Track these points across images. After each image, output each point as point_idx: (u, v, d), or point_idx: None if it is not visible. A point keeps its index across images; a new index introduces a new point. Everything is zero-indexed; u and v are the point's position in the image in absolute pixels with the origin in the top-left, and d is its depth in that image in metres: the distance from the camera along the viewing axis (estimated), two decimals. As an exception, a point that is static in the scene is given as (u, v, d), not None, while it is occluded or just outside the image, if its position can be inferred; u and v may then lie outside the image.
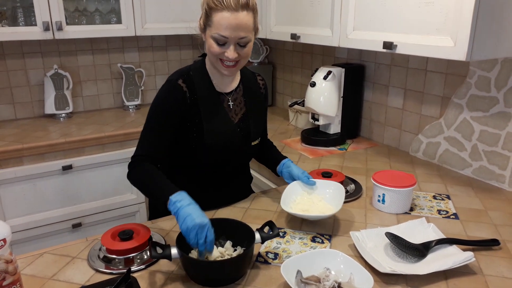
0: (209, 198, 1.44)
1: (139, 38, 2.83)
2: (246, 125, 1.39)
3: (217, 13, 1.17)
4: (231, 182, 1.46)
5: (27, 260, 1.15)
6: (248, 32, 1.20)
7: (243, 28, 1.18)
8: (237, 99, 1.39)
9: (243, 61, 1.26)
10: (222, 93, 1.36)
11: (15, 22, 2.35)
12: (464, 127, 1.70)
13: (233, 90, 1.38)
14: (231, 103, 1.37)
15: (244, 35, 1.19)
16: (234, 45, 1.20)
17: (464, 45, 1.28)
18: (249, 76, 1.45)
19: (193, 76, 1.32)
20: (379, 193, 1.40)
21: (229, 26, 1.16)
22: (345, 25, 1.72)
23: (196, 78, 1.32)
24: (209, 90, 1.33)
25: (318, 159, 1.92)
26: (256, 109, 1.43)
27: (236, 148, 1.37)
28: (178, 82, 1.28)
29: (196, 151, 1.33)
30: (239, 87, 1.40)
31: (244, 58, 1.25)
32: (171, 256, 1.03)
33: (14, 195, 2.12)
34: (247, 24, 1.19)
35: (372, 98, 2.14)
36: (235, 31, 1.17)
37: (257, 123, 1.43)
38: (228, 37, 1.18)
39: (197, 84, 1.31)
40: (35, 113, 2.63)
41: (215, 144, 1.32)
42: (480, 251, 1.16)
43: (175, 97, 1.28)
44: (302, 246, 1.20)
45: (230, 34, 1.17)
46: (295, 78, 2.72)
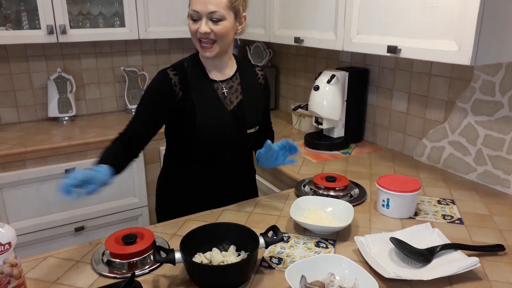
0: (213, 192, 1.46)
1: (142, 42, 2.84)
2: (241, 112, 1.40)
3: None
4: (233, 175, 1.47)
5: (31, 264, 1.15)
6: (219, 8, 1.24)
7: (213, 3, 1.24)
8: (232, 87, 1.41)
9: (219, 43, 1.29)
10: (217, 81, 1.38)
11: (19, 25, 2.36)
12: (468, 132, 1.69)
13: (229, 78, 1.40)
14: (226, 90, 1.39)
15: (214, 9, 1.24)
16: (206, 19, 1.25)
17: (469, 49, 1.27)
18: (247, 66, 1.48)
19: (187, 66, 1.37)
20: (383, 198, 1.39)
21: (199, 1, 1.24)
22: (349, 28, 1.72)
23: (190, 67, 1.37)
24: (203, 78, 1.37)
25: (322, 163, 1.91)
26: (253, 98, 1.44)
27: (230, 135, 1.39)
28: (167, 71, 1.34)
29: (191, 140, 1.37)
30: (236, 75, 1.42)
31: (219, 38, 1.28)
32: (175, 260, 1.02)
33: (17, 199, 2.12)
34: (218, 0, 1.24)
35: (376, 102, 2.14)
36: (205, 5, 1.24)
37: (254, 111, 1.44)
38: (199, 11, 1.24)
39: (190, 73, 1.36)
40: (38, 116, 2.64)
41: (208, 131, 1.35)
42: (485, 257, 1.15)
43: (161, 86, 1.33)
44: (306, 251, 1.20)
45: (200, 8, 1.24)
46: (299, 82, 2.71)
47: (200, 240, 1.13)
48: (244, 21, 1.35)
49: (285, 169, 1.83)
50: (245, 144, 1.47)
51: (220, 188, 1.47)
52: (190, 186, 1.46)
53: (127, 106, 2.81)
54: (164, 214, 1.50)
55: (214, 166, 1.43)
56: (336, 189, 1.52)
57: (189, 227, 1.27)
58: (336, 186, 1.52)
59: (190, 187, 1.46)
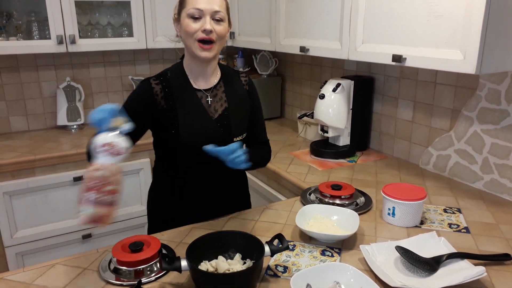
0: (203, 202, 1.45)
1: (150, 51, 2.88)
2: (227, 120, 1.39)
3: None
4: (222, 184, 1.45)
5: (39, 271, 1.17)
6: (221, 8, 1.28)
7: (217, 3, 1.27)
8: (217, 95, 1.40)
9: (217, 43, 1.30)
10: (201, 90, 1.38)
11: (30, 35, 2.40)
12: (474, 140, 1.69)
13: (213, 87, 1.40)
14: (210, 99, 1.39)
15: (219, 9, 1.27)
16: (210, 19, 1.26)
17: (474, 58, 1.28)
18: (231, 73, 1.47)
19: (170, 75, 1.37)
20: (389, 206, 1.39)
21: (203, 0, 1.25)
22: (354, 38, 1.73)
23: (173, 77, 1.37)
24: (186, 87, 1.37)
25: (328, 171, 1.92)
26: (239, 105, 1.43)
27: (216, 144, 1.31)
28: (150, 81, 1.35)
29: (177, 150, 1.36)
30: (220, 83, 1.41)
31: (219, 39, 1.29)
32: (181, 268, 1.03)
33: (25, 206, 2.14)
34: (220, 2, 1.28)
35: (381, 110, 2.14)
36: (209, 3, 1.25)
37: (240, 118, 1.42)
38: (203, 9, 1.25)
39: (173, 82, 1.35)
40: (47, 125, 2.68)
41: (192, 140, 1.33)
42: (492, 266, 1.14)
43: (143, 95, 1.34)
44: (312, 259, 1.20)
45: (205, 6, 1.25)
46: (304, 90, 2.73)
47: (206, 248, 1.14)
48: (230, 27, 1.36)
49: (290, 177, 1.84)
50: None
51: (210, 198, 1.45)
52: (179, 197, 1.45)
53: (134, 115, 2.84)
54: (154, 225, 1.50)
55: (202, 176, 1.41)
56: (342, 197, 1.52)
57: (195, 235, 1.28)
58: (342, 194, 1.52)
59: (179, 197, 1.44)
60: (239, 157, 1.22)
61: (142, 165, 2.40)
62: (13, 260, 2.15)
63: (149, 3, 2.49)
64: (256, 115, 1.50)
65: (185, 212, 1.45)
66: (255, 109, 1.49)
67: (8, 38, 2.32)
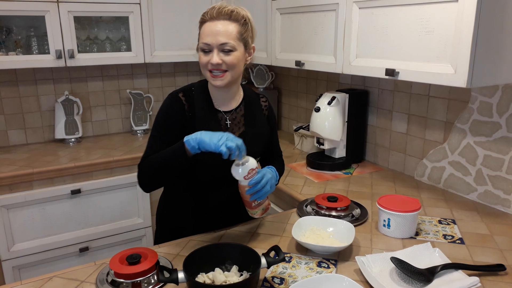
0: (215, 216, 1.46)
1: (148, 65, 2.91)
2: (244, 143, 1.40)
3: (203, 26, 1.30)
4: (233, 202, 1.46)
5: (36, 284, 1.17)
6: (229, 39, 1.26)
7: (223, 34, 1.26)
8: (236, 118, 1.42)
9: (230, 72, 1.30)
10: (221, 111, 1.41)
11: (29, 50, 2.43)
12: (468, 152, 1.72)
13: (233, 110, 1.42)
14: (229, 122, 1.41)
15: (225, 41, 1.26)
16: (217, 51, 1.27)
17: (464, 72, 1.31)
18: (252, 97, 1.49)
19: (194, 93, 1.39)
20: (384, 218, 1.41)
21: (210, 33, 1.27)
22: (348, 52, 1.77)
23: (196, 95, 1.39)
24: (208, 107, 1.39)
25: (324, 183, 1.93)
26: (255, 130, 1.44)
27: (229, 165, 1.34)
28: (179, 96, 1.37)
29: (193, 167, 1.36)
30: (240, 107, 1.43)
31: (230, 68, 1.29)
32: (178, 280, 1.04)
33: (23, 219, 2.15)
34: (228, 31, 1.26)
35: (376, 123, 2.17)
36: (215, 37, 1.26)
37: (255, 142, 1.42)
38: (210, 43, 1.27)
39: (196, 101, 1.38)
40: (45, 138, 2.69)
41: (206, 159, 1.34)
42: (486, 276, 1.15)
43: (174, 108, 1.36)
44: (308, 271, 1.21)
45: (211, 40, 1.26)
46: (300, 103, 2.76)
47: (203, 261, 1.15)
48: (253, 52, 1.37)
49: (287, 189, 1.85)
50: None
51: (220, 212, 1.47)
52: (189, 211, 1.46)
53: (132, 128, 2.86)
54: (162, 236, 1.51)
55: (214, 191, 1.43)
56: (337, 209, 1.53)
57: (192, 247, 1.29)
58: (337, 206, 1.54)
59: (189, 211, 1.46)
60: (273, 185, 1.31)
61: (139, 178, 2.40)
62: (9, 274, 2.14)
63: (147, 19, 2.53)
64: (273, 134, 1.56)
65: (193, 225, 1.46)
66: (273, 130, 1.55)
67: (7, 53, 2.34)
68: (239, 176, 1.24)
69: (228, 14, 1.27)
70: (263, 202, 1.32)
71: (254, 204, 1.29)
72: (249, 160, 1.24)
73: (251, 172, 1.23)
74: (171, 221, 1.51)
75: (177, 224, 1.49)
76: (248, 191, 1.25)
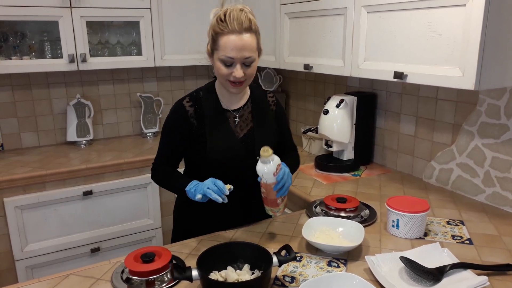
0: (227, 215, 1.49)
1: (158, 69, 2.96)
2: (251, 140, 1.45)
3: (223, 37, 1.29)
4: (246, 199, 1.49)
5: (53, 282, 1.20)
6: (252, 52, 1.31)
7: (248, 49, 1.29)
8: (243, 115, 1.47)
9: (248, 80, 1.37)
10: (229, 110, 1.45)
11: (43, 54, 2.49)
12: (476, 154, 1.73)
13: (241, 107, 1.47)
14: (237, 119, 1.45)
15: (249, 55, 1.30)
16: (240, 65, 1.30)
17: (472, 75, 1.33)
18: (259, 94, 1.53)
19: (202, 95, 1.45)
20: (393, 218, 1.43)
21: (234, 48, 1.28)
22: (356, 56, 1.79)
23: (204, 97, 1.44)
24: (216, 107, 1.44)
25: (332, 184, 1.95)
26: (264, 125, 1.48)
27: (240, 161, 1.43)
28: (183, 102, 1.43)
29: (203, 165, 1.43)
30: (247, 104, 1.48)
31: (249, 77, 1.35)
32: (192, 277, 1.07)
33: (36, 220, 2.19)
34: (251, 45, 1.30)
35: (384, 125, 2.19)
36: (240, 52, 1.28)
37: (264, 138, 1.46)
38: (234, 57, 1.29)
39: (204, 102, 1.43)
40: (57, 140, 2.74)
41: (218, 157, 1.41)
42: (494, 276, 1.17)
43: (177, 116, 1.43)
44: (318, 270, 1.23)
45: (236, 55, 1.28)
46: (308, 106, 2.79)
47: (215, 259, 1.18)
48: (261, 52, 1.40)
49: (296, 191, 1.87)
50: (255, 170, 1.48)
51: (232, 211, 1.49)
52: (204, 208, 1.50)
53: (142, 130, 2.91)
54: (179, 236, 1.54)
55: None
56: (346, 210, 1.55)
57: (204, 246, 1.31)
58: (346, 207, 1.56)
59: (204, 209, 1.49)
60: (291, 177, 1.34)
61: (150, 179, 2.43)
62: (23, 273, 2.18)
63: (157, 23, 2.58)
64: (284, 128, 1.58)
65: (207, 225, 1.49)
66: (283, 125, 1.57)
67: (21, 57, 2.40)
68: (269, 173, 1.26)
69: (248, 25, 1.28)
70: (285, 197, 1.36)
71: (279, 201, 1.32)
72: (274, 158, 1.26)
73: (278, 167, 1.26)
74: (186, 221, 1.55)
75: (191, 224, 1.53)
76: (276, 187, 1.28)
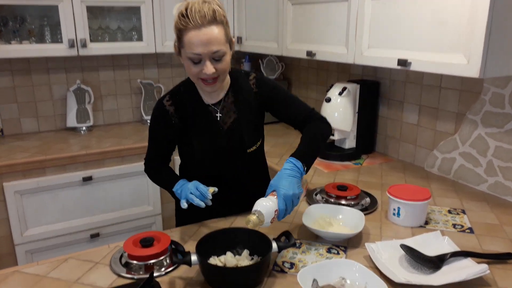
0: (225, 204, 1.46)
1: (159, 55, 2.93)
2: (238, 131, 1.38)
3: (187, 33, 1.19)
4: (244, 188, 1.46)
5: (52, 265, 1.20)
6: (220, 45, 1.20)
7: (214, 42, 1.19)
8: (225, 107, 1.38)
9: (222, 76, 1.27)
10: (210, 105, 1.38)
11: (42, 39, 2.46)
12: (479, 143, 1.71)
13: (221, 100, 1.38)
14: (219, 115, 1.38)
15: (217, 49, 1.20)
16: (210, 60, 1.21)
17: (477, 63, 1.30)
18: (240, 79, 1.41)
19: (183, 92, 1.39)
20: (394, 207, 1.42)
21: (200, 43, 1.18)
22: (360, 43, 1.77)
23: (186, 94, 1.38)
24: (198, 103, 1.38)
25: (333, 173, 1.94)
26: (249, 114, 1.39)
27: (228, 156, 1.39)
28: (163, 101, 1.38)
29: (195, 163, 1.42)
30: (228, 95, 1.39)
31: (222, 73, 1.26)
32: (191, 262, 1.06)
33: (36, 205, 2.18)
34: (217, 37, 1.19)
35: (387, 114, 2.17)
36: (207, 47, 1.18)
37: (251, 127, 1.40)
38: (201, 53, 1.19)
39: (186, 99, 1.38)
40: (57, 126, 2.73)
41: (205, 154, 1.38)
42: (495, 264, 1.16)
43: (157, 116, 1.40)
44: (318, 256, 1.22)
45: (202, 50, 1.18)
46: (310, 94, 2.76)
47: (214, 244, 1.17)
48: (233, 44, 1.30)
49: (297, 179, 1.86)
50: (249, 162, 1.44)
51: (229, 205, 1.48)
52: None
53: (143, 117, 2.89)
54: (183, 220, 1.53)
55: (223, 182, 1.41)
56: (347, 198, 1.55)
57: (203, 232, 1.31)
58: (347, 195, 1.55)
59: None
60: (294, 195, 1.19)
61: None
62: (22, 258, 2.19)
63: (158, 8, 2.54)
64: (280, 101, 1.40)
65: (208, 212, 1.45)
66: (276, 100, 1.40)
67: (21, 42, 2.37)
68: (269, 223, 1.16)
69: (212, 17, 1.18)
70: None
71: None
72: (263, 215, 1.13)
73: (273, 220, 1.15)
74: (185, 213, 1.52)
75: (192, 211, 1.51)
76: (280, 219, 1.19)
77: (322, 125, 1.38)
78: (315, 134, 1.35)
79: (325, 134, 1.39)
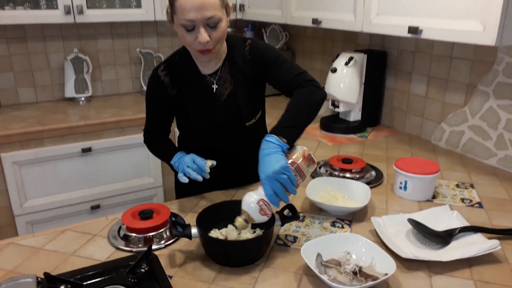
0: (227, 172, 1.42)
1: (158, 24, 2.83)
2: (235, 104, 1.32)
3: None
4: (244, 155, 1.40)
5: (49, 236, 1.17)
6: (215, 11, 1.13)
7: (208, 7, 1.11)
8: (221, 78, 1.32)
9: (219, 44, 1.20)
10: (207, 75, 1.32)
11: (37, 5, 2.36)
12: (490, 116, 1.65)
13: (218, 70, 1.31)
14: (215, 86, 1.32)
15: (211, 15, 1.12)
16: (204, 27, 1.14)
17: (494, 30, 1.23)
18: (237, 47, 1.32)
19: (178, 61, 1.32)
20: (401, 180, 1.37)
21: (193, 8, 1.10)
22: (368, 9, 1.68)
23: (181, 63, 1.31)
24: (194, 73, 1.31)
25: (338, 146, 1.89)
26: (244, 84, 1.32)
27: (226, 129, 1.34)
28: (158, 72, 1.32)
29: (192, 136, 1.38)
30: (225, 64, 1.31)
31: (218, 41, 1.18)
32: (191, 235, 1.03)
33: (35, 176, 2.15)
34: (212, 2, 1.12)
35: (394, 85, 2.10)
36: (200, 12, 1.11)
37: (249, 99, 1.33)
38: (195, 19, 1.11)
39: (181, 69, 1.31)
40: (55, 96, 2.66)
41: (202, 127, 1.33)
42: (506, 240, 1.12)
43: (153, 87, 1.34)
44: (322, 230, 1.19)
45: (195, 15, 1.11)
46: (315, 65, 2.68)
47: (215, 217, 1.14)
48: (230, 9, 1.22)
49: (300, 151, 1.81)
50: (249, 135, 1.36)
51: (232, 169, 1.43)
52: None
53: (142, 88, 2.82)
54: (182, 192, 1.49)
55: (222, 155, 1.37)
56: (352, 171, 1.50)
57: (204, 205, 1.27)
58: (352, 168, 1.51)
59: None
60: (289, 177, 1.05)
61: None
62: (22, 229, 2.17)
63: (157, -27, 2.43)
64: (271, 65, 1.29)
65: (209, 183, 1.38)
66: (266, 63, 1.30)
67: (15, 8, 2.28)
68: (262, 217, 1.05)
69: None
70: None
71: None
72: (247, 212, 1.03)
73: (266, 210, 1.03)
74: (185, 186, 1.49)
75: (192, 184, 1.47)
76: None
77: (310, 89, 1.23)
78: (300, 100, 1.21)
79: (315, 99, 1.22)
